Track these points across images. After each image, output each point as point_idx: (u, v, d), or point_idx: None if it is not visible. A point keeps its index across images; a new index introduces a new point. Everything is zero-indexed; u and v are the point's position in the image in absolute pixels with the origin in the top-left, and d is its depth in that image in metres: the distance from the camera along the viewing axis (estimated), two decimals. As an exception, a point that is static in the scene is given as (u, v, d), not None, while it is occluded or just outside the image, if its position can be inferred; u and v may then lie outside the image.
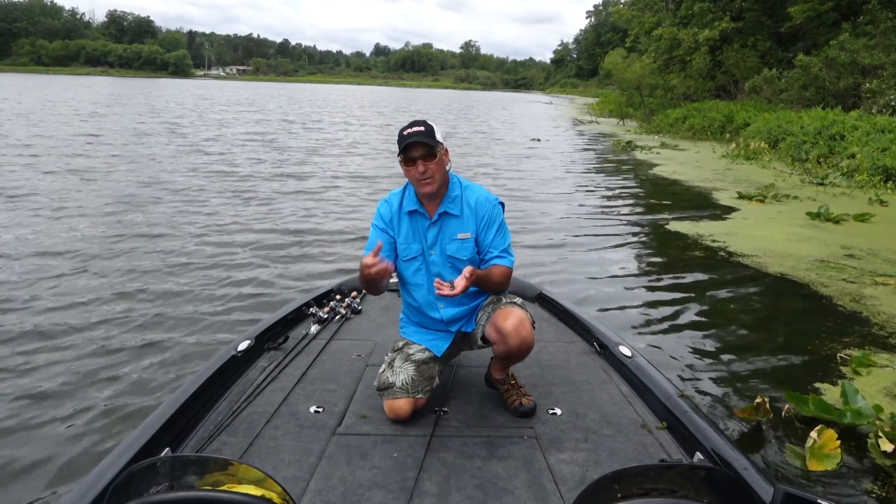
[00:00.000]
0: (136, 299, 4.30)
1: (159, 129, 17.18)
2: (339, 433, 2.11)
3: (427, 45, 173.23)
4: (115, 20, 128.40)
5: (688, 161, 13.67)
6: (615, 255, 6.06)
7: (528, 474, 1.89)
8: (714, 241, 6.46)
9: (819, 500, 1.09)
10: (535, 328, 2.23)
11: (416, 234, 2.26)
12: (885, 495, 2.40)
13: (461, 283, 2.03)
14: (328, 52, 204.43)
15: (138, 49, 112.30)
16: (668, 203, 8.79)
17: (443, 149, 2.17)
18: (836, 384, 3.26)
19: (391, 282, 2.24)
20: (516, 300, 2.29)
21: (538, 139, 19.22)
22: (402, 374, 2.20)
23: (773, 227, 7.13)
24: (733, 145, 15.30)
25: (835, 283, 5.04)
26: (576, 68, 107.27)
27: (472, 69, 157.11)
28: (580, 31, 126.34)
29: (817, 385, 3.31)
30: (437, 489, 1.81)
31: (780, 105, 18.29)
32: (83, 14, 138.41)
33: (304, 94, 54.30)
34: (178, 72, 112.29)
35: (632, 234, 6.95)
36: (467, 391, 2.46)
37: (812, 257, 5.79)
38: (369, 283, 2.11)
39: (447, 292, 2.01)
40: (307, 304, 3.15)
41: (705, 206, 8.49)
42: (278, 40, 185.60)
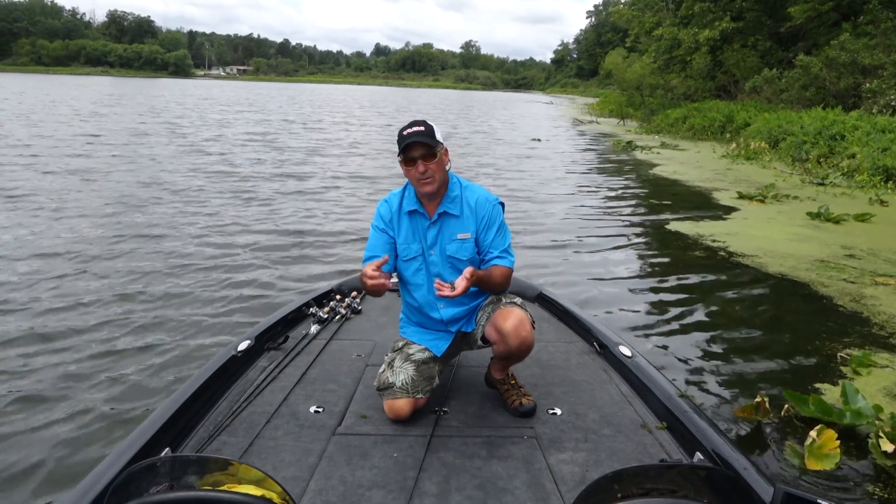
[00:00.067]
0: (137, 300, 4.30)
1: (159, 129, 17.19)
2: (339, 433, 2.11)
3: (427, 45, 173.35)
4: (115, 20, 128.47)
5: (688, 161, 13.67)
6: (615, 256, 6.06)
7: (528, 474, 1.89)
8: (714, 241, 6.46)
9: (819, 500, 1.09)
10: (534, 328, 2.23)
11: (415, 234, 2.26)
12: (885, 496, 2.40)
13: (461, 283, 2.03)
14: (328, 52, 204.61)
15: (139, 49, 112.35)
16: (669, 203, 8.78)
17: (443, 149, 2.17)
18: (836, 384, 3.26)
19: (391, 282, 2.24)
20: (516, 300, 2.29)
21: (539, 139, 19.22)
22: (402, 374, 2.20)
23: (773, 228, 7.12)
24: (733, 145, 15.30)
25: (835, 283, 5.04)
26: (576, 68, 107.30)
27: (472, 69, 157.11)
28: (580, 31, 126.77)
29: (817, 385, 3.31)
30: (437, 489, 1.81)
31: (780, 105, 18.29)
32: (83, 14, 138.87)
33: (304, 94, 54.30)
34: (179, 72, 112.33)
35: (632, 234, 6.95)
36: (467, 391, 2.45)
37: (812, 257, 5.79)
38: (368, 290, 2.11)
39: (448, 293, 2.00)
40: (307, 304, 3.15)
41: (705, 207, 8.49)
42: (279, 40, 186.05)
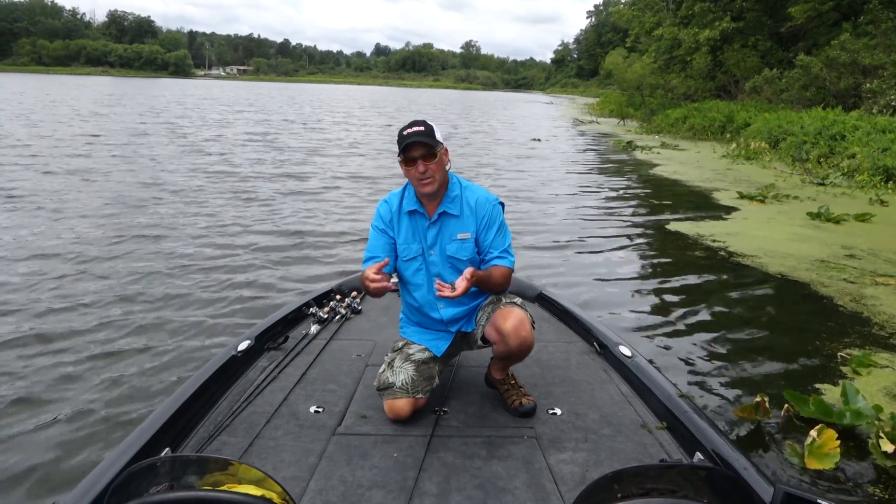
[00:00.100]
0: (137, 301, 4.30)
1: (160, 129, 17.19)
2: (339, 433, 2.11)
3: (428, 45, 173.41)
4: (115, 20, 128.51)
5: (688, 161, 13.66)
6: (616, 256, 6.06)
7: (528, 474, 1.89)
8: (714, 241, 6.45)
9: (819, 500, 1.09)
10: (534, 328, 2.23)
11: (415, 234, 2.26)
12: (886, 496, 2.39)
13: (462, 284, 2.02)
14: (329, 52, 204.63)
15: (139, 49, 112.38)
16: (669, 203, 8.78)
17: (443, 148, 2.17)
18: (836, 384, 3.26)
19: (391, 282, 2.24)
20: (516, 300, 2.29)
21: (539, 139, 19.22)
22: (401, 374, 2.20)
23: (773, 228, 7.12)
24: (734, 145, 15.29)
25: (835, 283, 5.03)
26: (576, 68, 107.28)
27: (472, 69, 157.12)
28: (581, 31, 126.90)
29: (817, 385, 3.31)
30: (437, 489, 1.81)
31: (780, 105, 18.29)
32: (84, 14, 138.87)
33: (304, 95, 54.31)
34: (179, 72, 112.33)
35: (632, 234, 6.95)
36: (467, 391, 2.45)
37: (812, 257, 5.79)
38: (370, 292, 2.11)
39: (448, 294, 2.00)
40: (307, 304, 3.15)
41: (706, 207, 8.48)
42: (279, 40, 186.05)
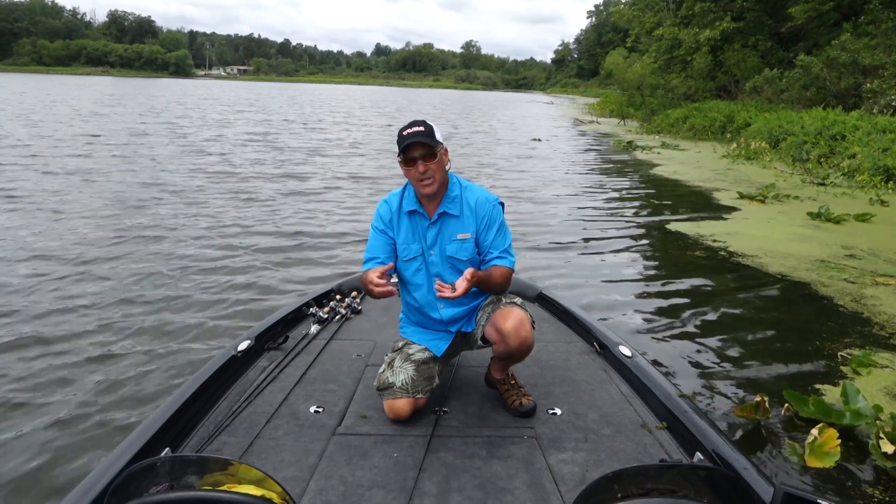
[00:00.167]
0: (137, 302, 4.29)
1: (160, 129, 17.19)
2: (339, 433, 2.11)
3: (428, 45, 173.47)
4: (115, 20, 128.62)
5: (688, 161, 13.66)
6: (616, 256, 6.06)
7: (528, 474, 1.89)
8: (715, 241, 6.45)
9: (819, 500, 1.09)
10: (534, 328, 2.23)
11: (415, 234, 2.26)
12: (886, 497, 2.39)
13: (462, 284, 2.02)
14: (329, 52, 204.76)
15: (139, 49, 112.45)
16: (669, 203, 8.78)
17: (443, 149, 2.17)
18: (836, 384, 3.26)
19: (391, 282, 2.24)
20: (516, 300, 2.29)
21: (539, 139, 19.22)
22: (401, 374, 2.20)
23: (773, 228, 7.12)
24: (734, 145, 15.29)
25: (835, 283, 5.03)
26: (577, 68, 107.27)
27: (472, 69, 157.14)
28: (581, 31, 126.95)
29: (817, 385, 3.31)
30: (437, 489, 1.81)
31: (780, 105, 18.29)
32: (84, 14, 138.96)
33: (304, 95, 54.30)
34: (179, 72, 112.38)
35: (633, 234, 6.95)
36: (467, 391, 2.45)
37: (813, 257, 5.78)
38: (374, 296, 2.11)
39: (448, 295, 2.00)
40: (307, 304, 3.15)
41: (706, 207, 8.48)
42: (279, 40, 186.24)
